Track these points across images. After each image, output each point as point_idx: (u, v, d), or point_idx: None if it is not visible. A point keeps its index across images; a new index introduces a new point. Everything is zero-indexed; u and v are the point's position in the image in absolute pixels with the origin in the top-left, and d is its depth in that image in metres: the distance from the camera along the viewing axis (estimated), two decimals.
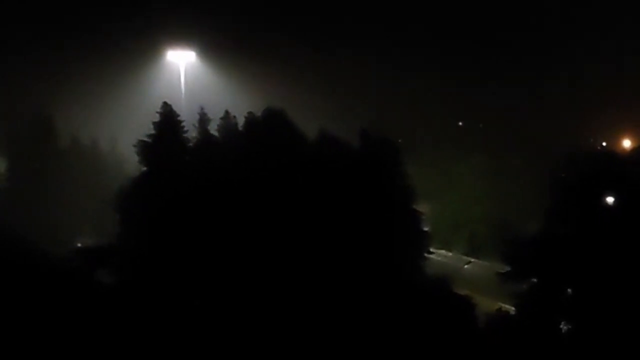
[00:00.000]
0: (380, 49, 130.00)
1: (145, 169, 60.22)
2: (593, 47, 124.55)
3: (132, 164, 63.98)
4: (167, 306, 49.84)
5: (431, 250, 65.45)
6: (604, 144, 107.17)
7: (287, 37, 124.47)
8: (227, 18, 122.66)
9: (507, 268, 58.22)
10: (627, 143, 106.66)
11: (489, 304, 59.41)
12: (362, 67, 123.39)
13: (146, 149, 60.19)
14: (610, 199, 56.94)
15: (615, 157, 63.66)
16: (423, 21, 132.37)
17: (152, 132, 60.61)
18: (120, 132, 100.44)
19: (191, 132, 62.26)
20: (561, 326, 54.33)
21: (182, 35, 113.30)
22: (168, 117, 61.10)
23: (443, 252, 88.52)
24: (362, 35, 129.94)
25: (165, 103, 61.98)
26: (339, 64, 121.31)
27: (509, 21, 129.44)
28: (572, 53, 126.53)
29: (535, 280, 56.11)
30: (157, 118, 60.98)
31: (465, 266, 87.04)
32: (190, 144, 61.74)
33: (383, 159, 60.81)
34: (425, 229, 65.72)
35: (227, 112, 63.92)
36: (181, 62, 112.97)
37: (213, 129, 63.25)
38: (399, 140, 74.36)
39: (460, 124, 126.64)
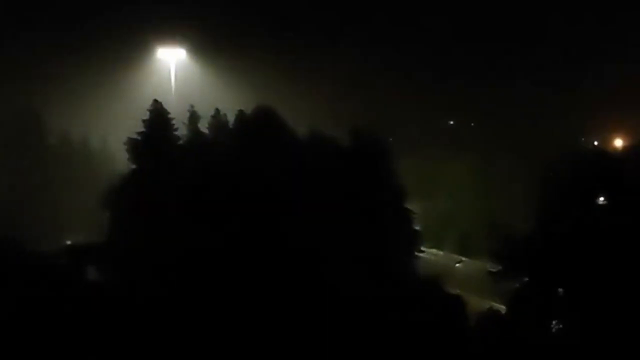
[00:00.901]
0: (372, 48, 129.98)
1: (135, 166, 60.04)
2: (586, 47, 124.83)
3: (122, 161, 63.77)
4: (158, 304, 49.59)
5: (422, 249, 65.41)
6: (596, 143, 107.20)
7: (278, 35, 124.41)
8: (217, 15, 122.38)
9: (498, 267, 58.12)
10: (619, 142, 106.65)
11: (479, 303, 59.42)
12: (354, 66, 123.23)
13: (136, 147, 60.06)
14: (602, 198, 56.94)
15: (607, 156, 63.59)
16: (415, 19, 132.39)
17: (142, 129, 60.42)
18: (110, 129, 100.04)
19: (181, 130, 62.17)
20: (552, 325, 54.30)
21: (173, 33, 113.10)
22: (158, 115, 60.96)
23: (434, 251, 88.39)
24: (353, 33, 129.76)
25: (155, 100, 61.87)
26: (330, 62, 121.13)
27: (502, 20, 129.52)
28: (565, 53, 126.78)
29: (526, 279, 56.05)
30: (147, 115, 60.79)
31: (457, 265, 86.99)
32: (181, 142, 61.58)
33: (374, 158, 60.71)
34: (417, 227, 65.64)
35: (217, 110, 63.89)
36: (171, 59, 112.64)
37: (203, 126, 63.20)
38: (390, 139, 74.24)
39: (452, 122, 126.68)
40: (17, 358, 45.35)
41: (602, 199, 56.94)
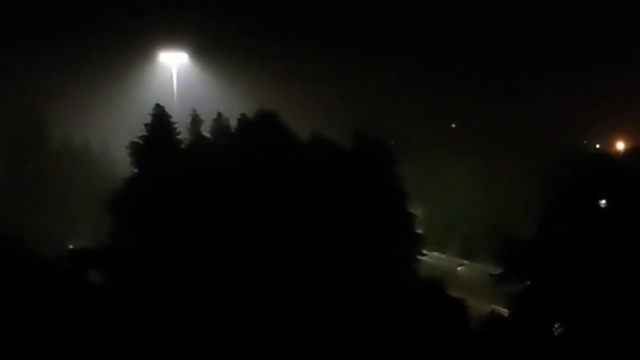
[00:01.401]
0: (374, 51, 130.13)
1: (137, 170, 60.07)
2: (587, 49, 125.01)
3: (124, 165, 63.81)
4: (161, 307, 49.63)
5: (424, 252, 65.37)
6: (598, 146, 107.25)
7: (280, 38, 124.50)
8: (219, 19, 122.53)
9: (501, 270, 58.09)
10: (620, 145, 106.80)
11: (482, 306, 59.36)
12: (356, 69, 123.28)
13: (138, 151, 60.06)
14: (603, 201, 56.94)
15: (609, 159, 63.58)
16: (417, 23, 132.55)
17: (145, 133, 60.49)
18: (112, 133, 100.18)
19: (183, 134, 62.21)
20: (554, 328, 54.26)
21: (175, 37, 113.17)
22: (160, 119, 61.02)
23: (436, 254, 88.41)
24: (355, 36, 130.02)
25: (157, 105, 61.92)
26: (332, 65, 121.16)
27: (503, 24, 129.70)
28: (566, 55, 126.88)
29: (528, 282, 56.01)
30: (149, 119, 60.85)
31: (459, 268, 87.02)
32: (183, 146, 61.61)
33: (376, 161, 60.71)
34: (419, 230, 65.65)
35: (219, 114, 63.92)
36: (173, 63, 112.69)
37: (205, 130, 63.21)
38: (392, 142, 74.23)
39: (454, 125, 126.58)
40: None
41: (603, 201, 56.99)
